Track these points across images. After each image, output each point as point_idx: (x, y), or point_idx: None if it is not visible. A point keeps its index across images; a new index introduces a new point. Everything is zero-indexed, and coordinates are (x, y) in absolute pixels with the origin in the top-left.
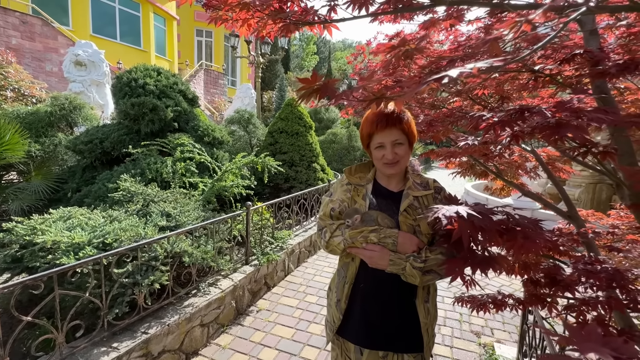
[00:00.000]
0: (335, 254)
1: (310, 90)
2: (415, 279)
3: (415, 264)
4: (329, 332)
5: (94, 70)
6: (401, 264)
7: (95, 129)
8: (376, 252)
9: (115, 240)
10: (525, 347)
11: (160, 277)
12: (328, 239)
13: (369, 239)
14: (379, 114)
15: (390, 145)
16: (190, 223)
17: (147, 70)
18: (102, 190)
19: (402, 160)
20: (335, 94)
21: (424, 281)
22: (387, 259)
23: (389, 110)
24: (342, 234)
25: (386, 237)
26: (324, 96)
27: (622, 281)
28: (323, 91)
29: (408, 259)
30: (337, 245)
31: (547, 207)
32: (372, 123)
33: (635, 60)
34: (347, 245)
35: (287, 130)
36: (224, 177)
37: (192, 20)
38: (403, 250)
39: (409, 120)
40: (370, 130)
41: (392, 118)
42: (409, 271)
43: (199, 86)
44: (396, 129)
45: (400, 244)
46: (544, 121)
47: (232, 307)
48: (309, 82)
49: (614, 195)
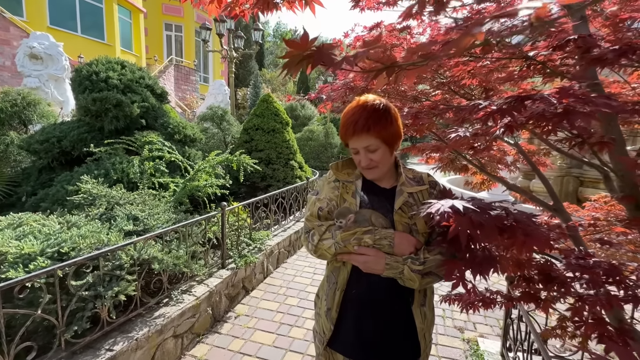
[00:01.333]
0: (325, 259)
1: (299, 57)
2: (414, 282)
3: (413, 267)
4: (318, 345)
5: (51, 64)
6: (399, 268)
7: (52, 126)
8: (371, 257)
9: (72, 249)
10: (509, 341)
11: (126, 288)
12: (317, 242)
13: (362, 241)
14: (350, 117)
15: (364, 151)
16: (160, 227)
17: (110, 63)
18: (61, 194)
19: (380, 165)
20: (333, 61)
21: (422, 284)
22: (382, 263)
23: (365, 106)
24: (333, 237)
25: (382, 238)
26: (318, 63)
27: (619, 276)
28: (317, 57)
29: (406, 261)
30: (328, 249)
31: (533, 201)
32: (343, 127)
33: (632, 46)
34: (338, 248)
35: (263, 127)
36: (196, 176)
37: (160, 14)
38: (400, 251)
39: (386, 119)
40: (342, 134)
41: (361, 123)
42: (408, 275)
43: (169, 82)
44: (367, 135)
45: (397, 245)
46: (549, 109)
47: (208, 315)
48: (298, 46)
49: (580, 187)
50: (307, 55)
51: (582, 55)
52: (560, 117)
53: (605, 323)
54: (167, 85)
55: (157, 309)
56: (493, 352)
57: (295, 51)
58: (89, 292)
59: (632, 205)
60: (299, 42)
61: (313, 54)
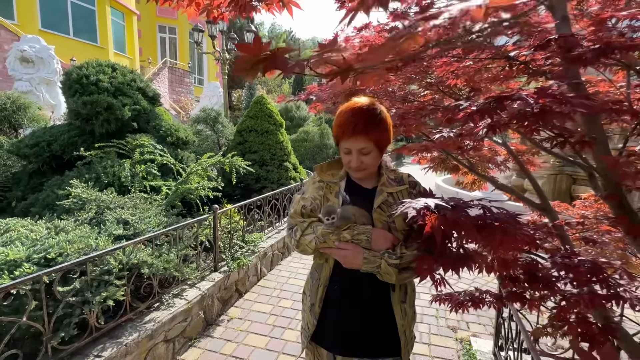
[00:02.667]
0: (307, 254)
1: (253, 62)
2: (392, 276)
3: (390, 261)
4: (303, 340)
5: (42, 67)
6: (376, 262)
7: (41, 130)
8: (349, 251)
9: (59, 254)
10: (501, 340)
11: (114, 293)
12: (299, 237)
13: (341, 236)
14: (348, 117)
15: (357, 153)
16: (150, 230)
17: (101, 66)
18: (51, 198)
19: (370, 167)
20: (286, 66)
21: (400, 279)
22: (360, 257)
23: (363, 109)
24: (314, 232)
25: (360, 233)
26: (271, 68)
27: (601, 275)
28: (271, 62)
29: (383, 256)
30: (309, 243)
31: (521, 199)
32: (340, 127)
33: (611, 45)
34: (319, 243)
35: (257, 128)
36: (188, 179)
37: (154, 16)
38: (377, 247)
39: (382, 125)
40: (338, 133)
41: (360, 126)
42: (385, 269)
43: (163, 85)
44: (364, 138)
45: (374, 241)
46: (526, 108)
47: (201, 318)
48: (251, 50)
49: (573, 185)
50: (261, 59)
51: (563, 55)
52: (536, 117)
53: (589, 322)
54: (161, 88)
55: (147, 313)
56: (485, 352)
57: (248, 56)
58: (76, 297)
59: (616, 203)
60: (252, 47)
61: (267, 59)
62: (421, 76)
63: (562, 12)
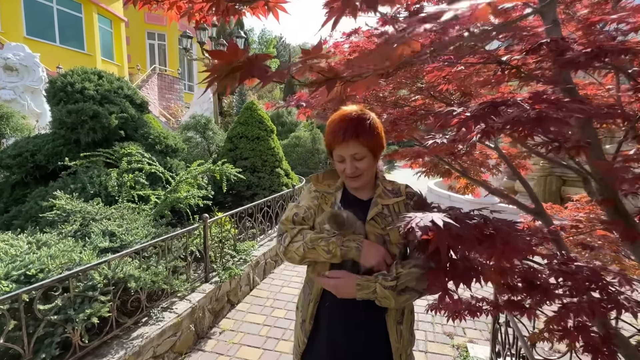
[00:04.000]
0: (294, 262)
1: (228, 69)
2: (390, 300)
3: (386, 284)
4: (294, 358)
5: (27, 75)
6: (370, 287)
7: (24, 140)
8: (340, 279)
9: (40, 270)
10: (498, 345)
11: (99, 309)
12: (287, 244)
13: (330, 242)
14: (338, 124)
15: (350, 159)
16: (138, 242)
17: (86, 73)
18: (35, 210)
19: (365, 173)
20: (265, 74)
21: (400, 302)
22: (353, 284)
23: (352, 115)
24: (303, 238)
25: (350, 240)
26: (247, 77)
27: (600, 282)
28: (248, 70)
29: (377, 278)
30: (296, 250)
31: (514, 204)
32: (331, 134)
33: (604, 48)
34: (307, 249)
35: (248, 135)
36: (178, 187)
37: (142, 23)
38: (367, 257)
39: (373, 130)
40: (329, 140)
41: (351, 130)
42: (381, 293)
43: (152, 92)
44: (356, 142)
45: (365, 251)
46: (522, 114)
47: (191, 332)
48: (225, 57)
49: (563, 186)
50: (236, 67)
51: (555, 58)
52: (533, 123)
53: (589, 330)
54: (150, 95)
55: (135, 329)
56: (482, 358)
57: (222, 63)
58: (58, 316)
59: (611, 208)
60: (227, 53)
61: (242, 66)
62: (412, 81)
63: (553, 16)
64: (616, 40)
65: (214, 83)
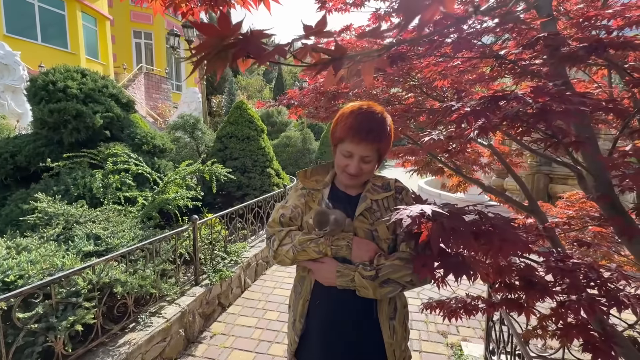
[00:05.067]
0: (285, 265)
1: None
2: (368, 290)
3: (364, 273)
4: (287, 356)
5: (7, 74)
6: (349, 275)
7: (4, 141)
8: (323, 264)
9: (20, 276)
10: (492, 344)
11: (83, 316)
12: (276, 247)
13: (320, 243)
14: (362, 121)
15: (358, 160)
16: (124, 245)
17: (69, 72)
18: (15, 213)
19: (365, 175)
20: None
21: (381, 294)
22: (333, 270)
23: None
24: (292, 241)
25: (339, 239)
26: (242, 55)
27: (599, 280)
28: (243, 47)
29: (357, 267)
30: (286, 253)
31: (509, 202)
32: (350, 129)
33: (602, 42)
34: (297, 252)
35: (237, 134)
36: (166, 188)
37: (128, 21)
38: (358, 255)
39: (389, 136)
40: (343, 134)
41: (375, 133)
42: (359, 282)
43: (139, 91)
44: (372, 145)
45: (355, 249)
46: (524, 109)
47: (181, 337)
48: (217, 32)
49: (550, 183)
50: (230, 44)
51: (552, 53)
52: (537, 117)
53: (588, 328)
54: (137, 94)
55: (122, 335)
56: (477, 356)
57: (213, 40)
58: (39, 324)
59: (608, 204)
60: (219, 28)
61: (237, 43)
62: (404, 79)
63: (548, 10)
64: (613, 35)
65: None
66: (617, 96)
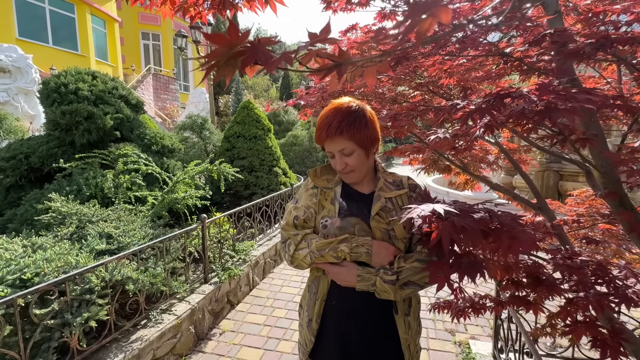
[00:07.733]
0: (302, 269)
1: (228, 55)
2: (389, 294)
3: (386, 277)
4: (301, 356)
5: (20, 77)
6: (371, 279)
7: (18, 142)
8: (343, 268)
9: (36, 274)
10: (501, 342)
11: (97, 313)
12: (293, 252)
13: (339, 250)
14: (324, 119)
15: (339, 155)
16: (135, 244)
17: (80, 74)
18: (30, 213)
19: (357, 169)
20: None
21: (402, 295)
22: (354, 274)
23: (338, 109)
24: (309, 246)
25: (359, 245)
26: (250, 62)
27: (607, 276)
28: (251, 55)
29: (378, 272)
30: (304, 258)
31: (517, 200)
32: (318, 129)
33: (609, 38)
34: (314, 258)
35: (245, 134)
36: (175, 188)
37: (136, 23)
38: (379, 260)
39: (361, 123)
40: (319, 138)
41: (335, 125)
42: (380, 286)
43: (147, 92)
44: (340, 137)
45: (375, 254)
46: (529, 106)
47: (191, 334)
48: (225, 41)
49: (560, 181)
50: (238, 52)
51: (558, 49)
52: (541, 114)
53: (596, 325)
54: (145, 95)
55: (134, 332)
56: (485, 354)
57: (222, 48)
58: (55, 320)
59: (616, 201)
60: (227, 37)
61: (246, 51)
62: (410, 77)
63: (555, 7)
64: (621, 31)
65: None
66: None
